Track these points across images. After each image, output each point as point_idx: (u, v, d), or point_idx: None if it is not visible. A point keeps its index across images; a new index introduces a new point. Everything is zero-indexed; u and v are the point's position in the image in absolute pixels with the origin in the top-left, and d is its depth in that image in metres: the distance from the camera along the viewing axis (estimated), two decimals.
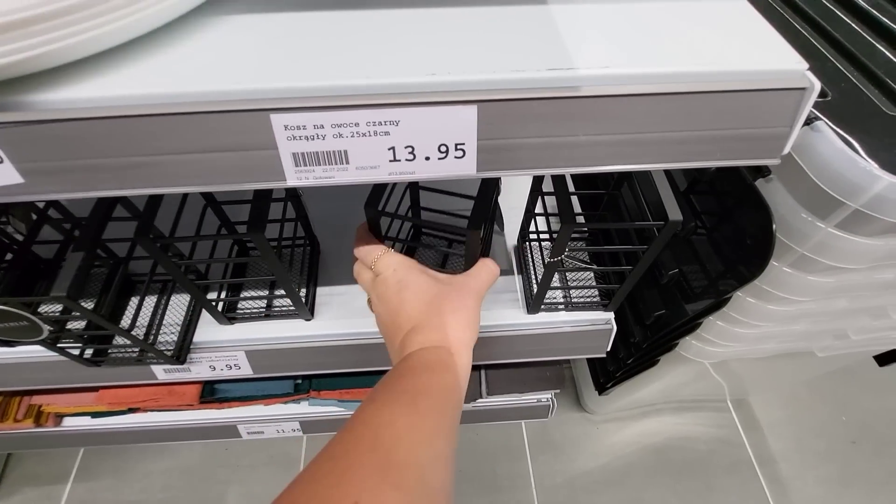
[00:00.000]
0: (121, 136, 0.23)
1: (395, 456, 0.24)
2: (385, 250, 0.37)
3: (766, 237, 0.33)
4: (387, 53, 0.23)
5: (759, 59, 0.24)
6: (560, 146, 0.24)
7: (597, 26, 0.25)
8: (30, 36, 0.20)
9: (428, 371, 0.30)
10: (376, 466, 0.23)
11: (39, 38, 0.20)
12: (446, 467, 0.26)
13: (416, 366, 0.30)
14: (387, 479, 0.23)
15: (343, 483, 0.22)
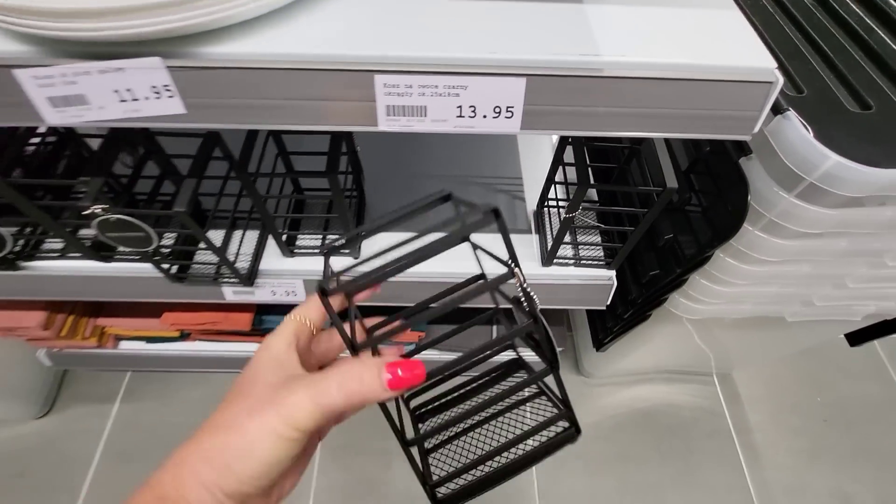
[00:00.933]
0: (262, 83, 0.31)
1: None
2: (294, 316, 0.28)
3: (742, 204, 0.41)
4: (462, 34, 0.31)
5: (739, 57, 0.31)
6: (584, 114, 0.32)
7: (618, 23, 0.33)
8: (206, 6, 0.28)
9: None
10: None
11: (213, 7, 0.29)
12: None
13: None
14: None
15: None
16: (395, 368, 0.22)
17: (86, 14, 0.27)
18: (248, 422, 0.22)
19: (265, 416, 0.22)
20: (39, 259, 0.57)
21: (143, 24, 0.28)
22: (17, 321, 0.72)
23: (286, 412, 0.21)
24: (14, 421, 0.95)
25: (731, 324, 0.64)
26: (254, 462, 0.21)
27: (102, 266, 0.57)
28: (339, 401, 0.22)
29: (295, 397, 0.22)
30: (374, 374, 0.22)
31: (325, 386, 0.22)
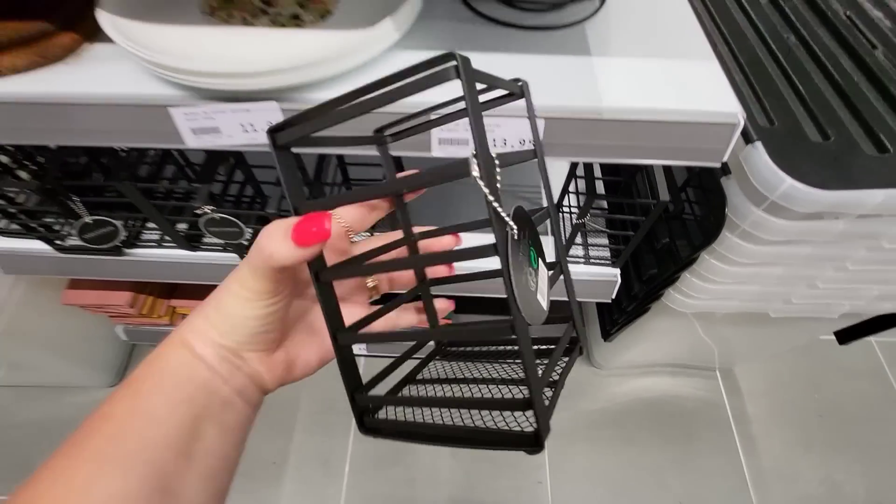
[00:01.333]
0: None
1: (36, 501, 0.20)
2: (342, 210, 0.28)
3: (721, 215, 0.50)
4: None
5: (711, 103, 0.40)
6: (589, 146, 0.42)
7: (617, 73, 0.43)
8: (305, 71, 0.39)
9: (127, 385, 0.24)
10: None
11: (309, 71, 0.39)
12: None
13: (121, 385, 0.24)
14: None
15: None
16: (301, 223, 0.22)
17: (227, 75, 0.38)
18: (222, 284, 0.25)
19: (229, 279, 0.25)
20: (139, 247, 0.69)
21: (266, 83, 0.39)
22: (108, 299, 0.86)
23: (237, 273, 0.24)
24: (92, 387, 1.10)
25: (725, 319, 0.73)
26: (224, 315, 0.25)
27: (190, 254, 0.69)
28: (256, 257, 0.23)
29: (242, 261, 0.24)
30: (280, 228, 0.22)
31: (256, 249, 0.23)
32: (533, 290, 0.22)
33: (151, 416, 0.23)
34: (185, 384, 0.24)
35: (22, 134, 0.44)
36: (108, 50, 0.45)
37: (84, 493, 0.20)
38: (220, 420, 0.25)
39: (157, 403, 0.23)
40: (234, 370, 0.25)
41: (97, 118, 0.43)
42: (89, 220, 0.61)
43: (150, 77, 0.42)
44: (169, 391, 0.24)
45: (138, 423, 0.22)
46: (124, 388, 0.24)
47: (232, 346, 0.25)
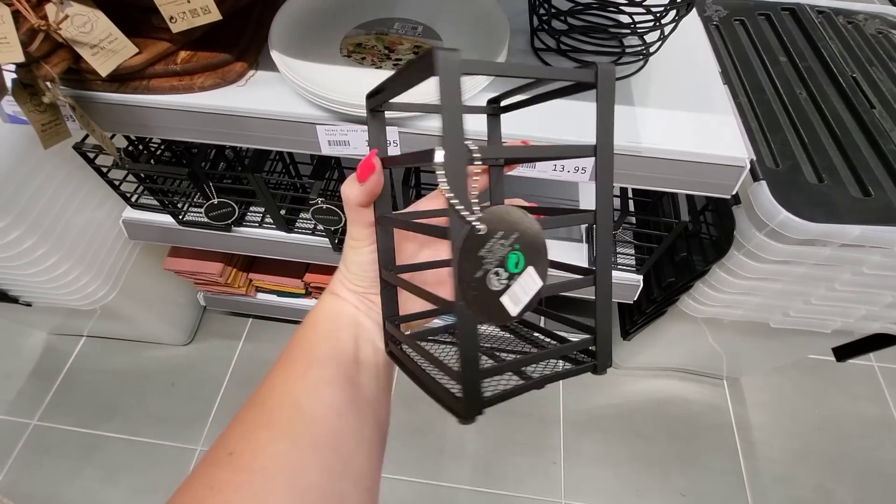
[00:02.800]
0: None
1: (268, 400, 0.27)
2: None
3: (730, 236, 0.62)
4: (562, 123, 0.55)
5: (726, 149, 0.53)
6: (628, 175, 0.55)
7: (653, 122, 0.55)
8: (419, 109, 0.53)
9: (307, 320, 0.32)
10: (252, 414, 0.27)
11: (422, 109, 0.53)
12: (329, 392, 0.27)
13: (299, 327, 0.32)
14: (260, 422, 0.26)
15: (224, 438, 0.26)
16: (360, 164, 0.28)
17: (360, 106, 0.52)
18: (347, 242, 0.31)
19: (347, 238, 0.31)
20: (244, 226, 0.85)
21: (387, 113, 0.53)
22: (202, 268, 1.02)
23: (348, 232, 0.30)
24: (170, 344, 1.27)
25: (732, 327, 0.84)
26: (348, 263, 0.31)
27: (286, 235, 0.84)
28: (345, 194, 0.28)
29: None
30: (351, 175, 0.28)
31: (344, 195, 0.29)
32: (496, 291, 0.22)
33: (329, 335, 0.30)
34: (340, 316, 0.31)
35: (205, 135, 0.59)
36: (269, 76, 0.60)
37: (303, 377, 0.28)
38: (370, 339, 0.31)
39: (330, 329, 0.30)
40: (371, 306, 0.32)
41: (261, 128, 0.58)
42: (216, 201, 0.76)
43: (300, 100, 0.57)
44: (334, 320, 0.31)
45: (322, 339, 0.30)
46: (302, 327, 0.31)
47: (361, 290, 0.32)
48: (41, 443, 1.15)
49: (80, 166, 0.75)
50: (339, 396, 0.27)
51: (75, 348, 1.29)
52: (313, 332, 0.31)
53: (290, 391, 0.27)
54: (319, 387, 0.27)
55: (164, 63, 0.58)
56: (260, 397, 0.28)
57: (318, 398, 0.27)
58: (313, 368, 0.28)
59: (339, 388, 0.28)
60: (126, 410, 1.20)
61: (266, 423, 0.26)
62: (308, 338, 0.30)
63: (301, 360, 0.29)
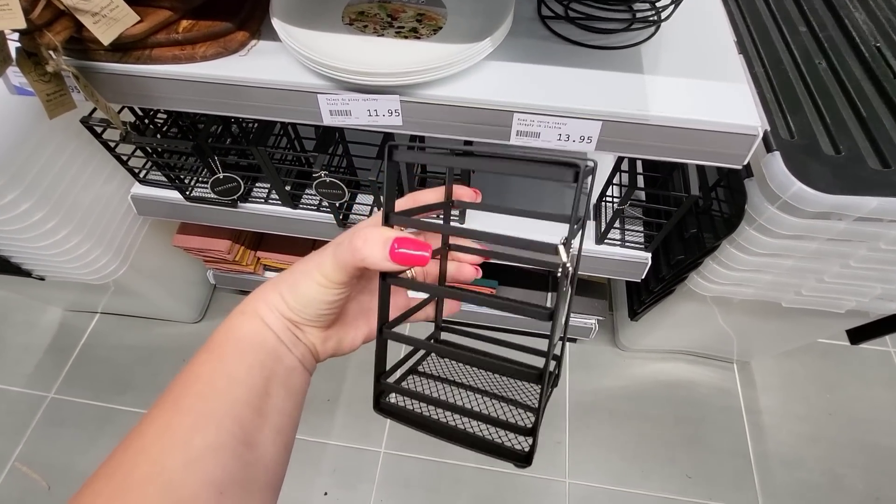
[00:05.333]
0: (444, 113, 0.54)
1: (135, 474, 0.22)
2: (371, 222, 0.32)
3: (742, 209, 0.60)
4: (567, 91, 0.53)
5: (738, 117, 0.51)
6: (635, 144, 0.53)
7: (663, 90, 0.54)
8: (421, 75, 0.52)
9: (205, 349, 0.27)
10: (111, 489, 0.22)
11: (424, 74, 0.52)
12: (214, 464, 0.23)
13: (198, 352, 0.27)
14: None
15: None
16: (403, 244, 0.25)
17: (363, 73, 0.52)
18: (299, 267, 0.28)
19: (309, 265, 0.28)
20: (250, 202, 0.85)
21: (391, 81, 0.52)
22: (210, 245, 1.03)
23: (319, 262, 0.27)
24: (181, 322, 1.29)
25: (743, 307, 0.82)
26: (297, 295, 0.28)
27: (291, 211, 0.84)
28: (347, 255, 0.25)
29: (325, 252, 0.27)
30: (379, 239, 0.25)
31: (340, 241, 0.27)
32: None
33: (232, 377, 0.25)
34: (258, 349, 0.27)
35: (207, 105, 0.59)
36: (271, 46, 0.59)
37: (185, 444, 0.23)
38: (286, 383, 0.28)
39: (236, 366, 0.26)
40: (297, 341, 0.29)
41: (262, 97, 0.57)
42: (221, 175, 0.76)
43: (302, 69, 0.56)
44: (245, 355, 0.26)
45: (222, 384, 0.25)
46: (207, 351, 0.27)
47: (297, 321, 0.28)
48: (57, 415, 1.18)
49: (88, 141, 0.76)
50: (226, 469, 0.23)
51: (90, 325, 1.32)
52: (215, 369, 0.26)
53: (165, 465, 0.22)
54: (204, 457, 0.23)
55: (166, 32, 0.57)
56: (126, 464, 0.23)
57: (198, 473, 0.22)
58: (201, 430, 0.23)
59: (230, 456, 0.23)
60: (139, 385, 1.22)
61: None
62: (206, 377, 0.25)
63: (190, 413, 0.24)
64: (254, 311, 0.28)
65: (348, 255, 0.26)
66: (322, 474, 1.08)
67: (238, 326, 0.28)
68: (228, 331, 0.28)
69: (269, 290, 0.29)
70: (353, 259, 0.26)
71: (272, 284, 0.29)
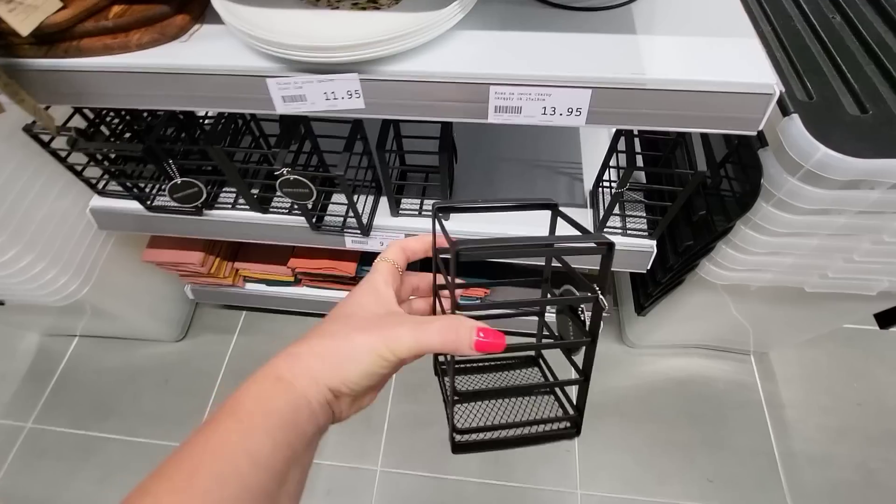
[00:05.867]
0: (414, 90, 0.48)
1: None
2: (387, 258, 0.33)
3: (757, 184, 0.53)
4: (548, 59, 0.46)
5: (748, 75, 0.44)
6: (632, 114, 0.46)
7: (661, 49, 0.47)
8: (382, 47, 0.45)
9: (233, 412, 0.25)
10: None
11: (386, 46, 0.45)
12: None
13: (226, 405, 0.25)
14: None
15: None
16: (487, 334, 0.26)
17: (316, 49, 0.45)
18: (356, 337, 0.26)
19: (371, 337, 0.26)
20: (216, 209, 0.78)
21: (348, 56, 0.45)
22: (182, 258, 0.96)
23: (391, 337, 0.26)
24: (162, 341, 1.22)
25: (760, 294, 0.75)
26: (355, 368, 0.26)
27: (261, 216, 0.77)
28: (435, 343, 0.26)
29: (401, 329, 0.26)
30: (468, 331, 0.26)
31: (427, 328, 0.26)
32: None
33: (257, 460, 0.23)
34: (288, 428, 0.25)
35: (146, 99, 0.52)
36: (214, 29, 0.52)
37: None
38: (303, 463, 0.26)
39: (262, 445, 0.24)
40: (328, 409, 0.27)
41: (206, 86, 0.50)
42: (179, 181, 0.70)
43: (250, 52, 0.49)
44: (274, 433, 0.24)
45: (245, 467, 0.23)
46: (234, 417, 0.24)
47: (343, 392, 0.26)
48: (37, 445, 1.12)
49: (36, 152, 0.69)
50: None
51: (69, 349, 1.26)
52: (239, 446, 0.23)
53: None
54: None
55: (95, 19, 0.51)
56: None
57: None
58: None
59: None
60: (121, 410, 1.16)
61: None
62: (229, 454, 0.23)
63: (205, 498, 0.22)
64: (293, 380, 0.26)
65: (436, 345, 0.26)
66: (316, 497, 1.01)
67: (273, 396, 0.25)
68: (260, 399, 0.25)
69: (314, 359, 0.27)
70: (441, 348, 0.26)
71: (317, 353, 0.27)
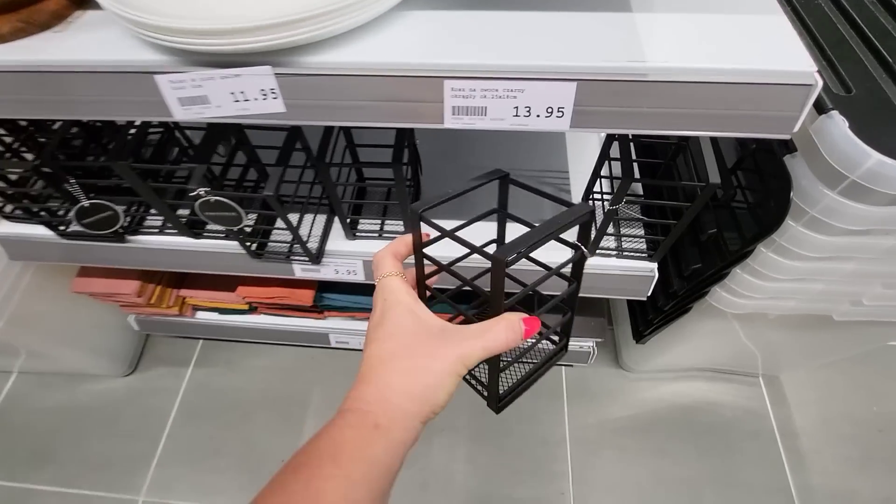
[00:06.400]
0: (348, 87, 0.37)
1: None
2: (392, 272, 0.32)
3: (784, 200, 0.43)
4: (521, 43, 0.35)
5: (779, 61, 0.34)
6: (630, 114, 0.36)
7: (665, 30, 0.36)
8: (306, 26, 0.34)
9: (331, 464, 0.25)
10: None
11: (312, 27, 0.34)
12: None
13: (320, 454, 0.26)
14: None
15: None
16: (528, 323, 0.30)
17: (215, 33, 0.34)
18: (433, 364, 0.28)
19: (447, 360, 0.28)
20: (142, 234, 0.66)
21: (257, 41, 0.34)
22: (117, 288, 0.84)
23: (464, 355, 0.28)
24: (106, 376, 1.09)
25: (777, 322, 0.65)
26: (442, 393, 0.28)
27: (193, 242, 0.65)
28: (501, 346, 0.29)
29: (469, 343, 0.28)
30: (520, 325, 0.29)
31: (492, 336, 0.28)
32: None
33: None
34: (386, 476, 0.26)
35: (8, 107, 0.41)
36: (98, 16, 0.41)
37: None
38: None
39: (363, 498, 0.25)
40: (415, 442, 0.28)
41: (83, 88, 0.39)
42: (87, 203, 0.58)
43: (137, 42, 0.38)
44: (374, 484, 0.25)
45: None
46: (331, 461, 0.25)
47: (430, 418, 0.28)
48: None
49: None
50: None
51: (4, 387, 1.12)
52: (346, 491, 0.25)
53: None
54: None
55: None
56: None
57: None
58: None
59: None
60: (60, 457, 1.02)
61: None
62: None
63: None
64: (390, 426, 0.27)
65: (501, 347, 0.29)
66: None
67: (372, 444, 0.26)
68: (361, 447, 0.26)
69: (405, 399, 0.28)
70: (504, 348, 0.29)
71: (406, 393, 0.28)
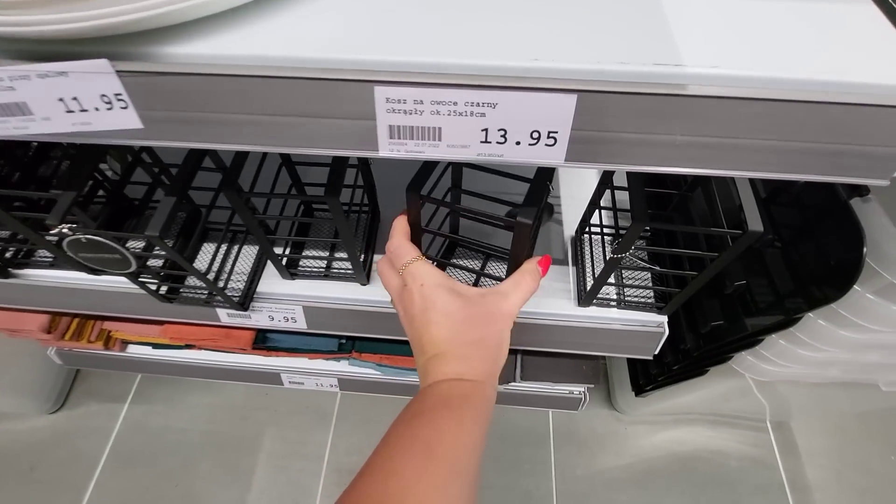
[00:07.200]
0: (232, 94, 0.24)
1: None
2: (416, 257, 0.34)
3: (853, 259, 0.31)
4: (493, 34, 0.24)
5: (880, 72, 0.22)
6: (655, 144, 0.24)
7: (709, 23, 0.25)
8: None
9: (446, 409, 0.29)
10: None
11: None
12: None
13: (433, 404, 0.30)
14: None
15: None
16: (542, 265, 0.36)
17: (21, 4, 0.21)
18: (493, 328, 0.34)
19: (503, 321, 0.34)
20: (31, 267, 0.53)
21: (90, 23, 0.22)
22: (20, 323, 0.70)
23: (511, 311, 0.34)
24: (28, 415, 0.95)
25: (804, 383, 0.54)
26: (507, 348, 0.34)
27: (90, 278, 0.52)
28: (532, 291, 0.35)
29: (511, 299, 0.34)
30: (538, 270, 0.36)
31: (525, 286, 0.35)
32: None
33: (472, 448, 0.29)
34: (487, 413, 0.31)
35: None
36: None
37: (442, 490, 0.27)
38: None
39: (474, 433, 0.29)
40: None
41: None
42: None
43: None
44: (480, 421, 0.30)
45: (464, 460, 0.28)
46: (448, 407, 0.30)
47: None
48: None
49: None
50: None
51: None
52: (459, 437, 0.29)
53: None
54: None
55: None
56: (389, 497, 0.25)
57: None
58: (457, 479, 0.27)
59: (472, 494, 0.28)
60: None
61: None
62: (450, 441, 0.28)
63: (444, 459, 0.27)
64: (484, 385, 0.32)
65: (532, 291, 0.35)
66: None
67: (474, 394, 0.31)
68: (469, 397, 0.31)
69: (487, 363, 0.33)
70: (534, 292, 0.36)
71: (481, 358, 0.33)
